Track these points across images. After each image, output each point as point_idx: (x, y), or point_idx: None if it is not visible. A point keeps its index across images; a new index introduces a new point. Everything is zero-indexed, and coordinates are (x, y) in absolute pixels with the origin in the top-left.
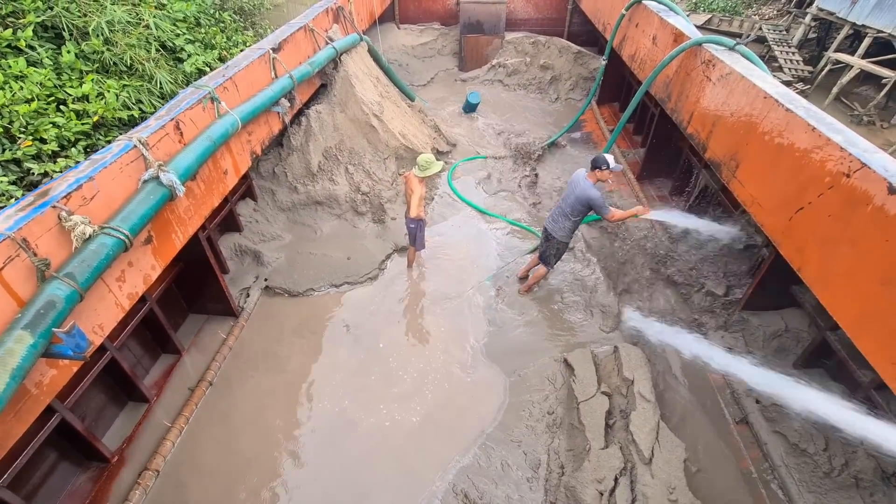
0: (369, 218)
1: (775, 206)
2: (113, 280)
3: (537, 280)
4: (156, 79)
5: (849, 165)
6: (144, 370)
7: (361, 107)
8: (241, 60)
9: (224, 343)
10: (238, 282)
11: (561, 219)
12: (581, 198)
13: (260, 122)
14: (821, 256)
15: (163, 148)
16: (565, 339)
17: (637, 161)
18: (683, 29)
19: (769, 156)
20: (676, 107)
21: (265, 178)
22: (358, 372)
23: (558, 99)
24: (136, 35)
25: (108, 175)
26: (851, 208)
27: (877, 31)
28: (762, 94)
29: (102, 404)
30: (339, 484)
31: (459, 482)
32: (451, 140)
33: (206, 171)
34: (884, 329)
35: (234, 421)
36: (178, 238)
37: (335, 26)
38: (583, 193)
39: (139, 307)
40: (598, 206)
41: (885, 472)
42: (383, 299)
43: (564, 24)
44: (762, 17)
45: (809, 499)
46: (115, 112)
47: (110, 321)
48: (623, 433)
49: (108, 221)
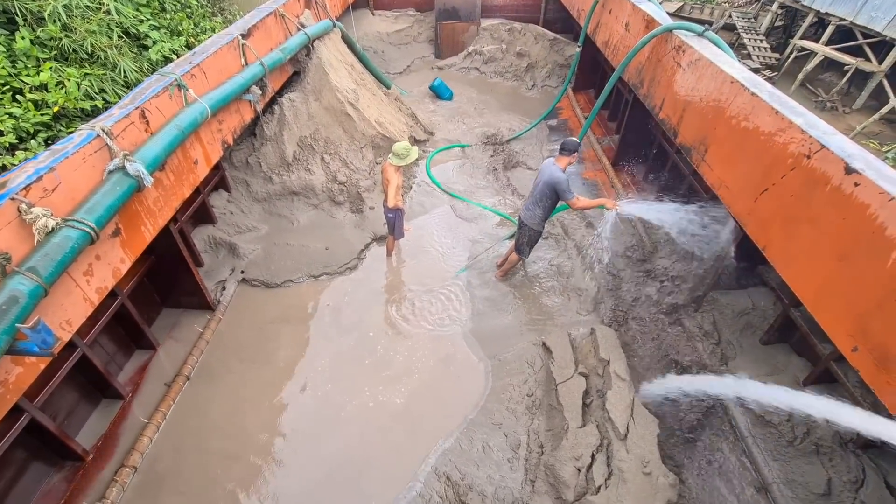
0: (347, 207)
1: (742, 188)
2: (80, 274)
3: (512, 265)
4: (119, 67)
5: (809, 147)
6: (118, 366)
7: (336, 95)
8: (209, 47)
9: (201, 337)
10: (213, 275)
11: (532, 206)
12: (549, 182)
13: (231, 110)
14: (784, 236)
15: (128, 137)
16: (544, 322)
17: (612, 147)
18: (655, 15)
19: (736, 139)
20: (649, 92)
21: (238, 169)
22: (338, 362)
23: (535, 86)
24: (96, 21)
25: (70, 165)
26: (812, 188)
27: (839, 19)
28: (729, 78)
29: (75, 402)
30: (320, 476)
31: (441, 465)
32: (429, 128)
33: (176, 161)
34: (840, 303)
35: (212, 415)
36: (148, 230)
37: (307, 12)
38: (550, 178)
39: (110, 302)
40: (563, 189)
41: (842, 438)
42: (363, 289)
43: (540, 11)
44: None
45: (775, 466)
46: (77, 102)
47: (79, 316)
48: (600, 412)
49: (72, 214)
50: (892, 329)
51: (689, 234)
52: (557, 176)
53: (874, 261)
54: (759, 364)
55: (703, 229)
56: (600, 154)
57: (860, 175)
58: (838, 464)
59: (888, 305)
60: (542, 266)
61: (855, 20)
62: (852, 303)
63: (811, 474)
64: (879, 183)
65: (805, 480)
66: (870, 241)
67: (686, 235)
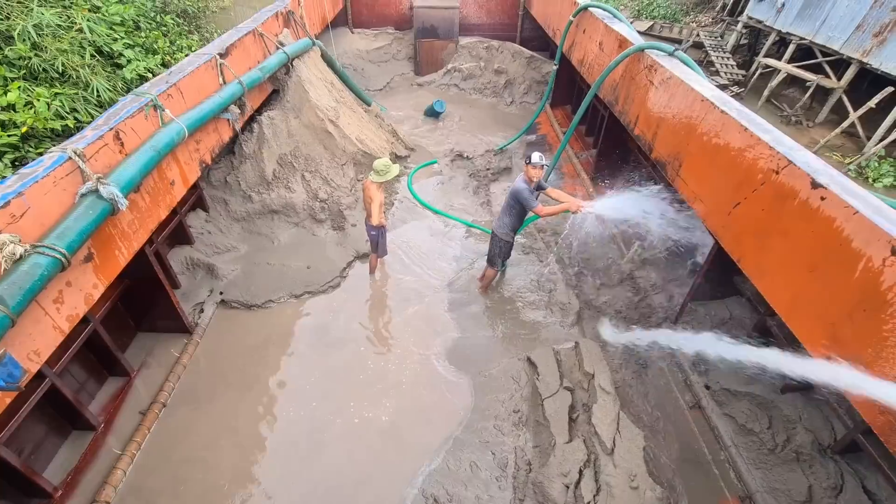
0: (329, 225)
1: (716, 202)
2: (49, 302)
3: (490, 280)
4: (92, 86)
5: (777, 163)
6: (90, 396)
7: (316, 112)
8: (185, 66)
9: (178, 362)
10: (191, 297)
11: (501, 217)
12: (512, 192)
13: (209, 129)
14: (757, 248)
15: (102, 159)
16: (528, 337)
17: (590, 161)
18: (627, 35)
19: (708, 155)
20: (624, 109)
21: (217, 188)
22: (320, 383)
23: (513, 102)
24: (67, 39)
25: (39, 190)
26: (781, 202)
27: (800, 38)
28: (700, 97)
29: (43, 435)
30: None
31: (429, 487)
32: (410, 144)
33: (151, 182)
34: (812, 313)
35: (191, 444)
36: (123, 254)
37: (286, 31)
38: (513, 188)
39: (81, 328)
40: (525, 198)
41: (821, 444)
42: (345, 307)
43: (516, 30)
44: (699, 24)
45: (757, 475)
46: (47, 122)
47: (48, 346)
48: (586, 426)
49: (41, 239)
50: (862, 337)
51: (661, 220)
52: (519, 186)
53: (842, 272)
54: (738, 373)
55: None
56: (579, 168)
57: (826, 189)
58: (818, 470)
59: (857, 315)
60: (524, 281)
61: (814, 39)
62: (824, 312)
63: (793, 482)
64: (844, 197)
65: (787, 488)
66: (837, 253)
67: (659, 222)
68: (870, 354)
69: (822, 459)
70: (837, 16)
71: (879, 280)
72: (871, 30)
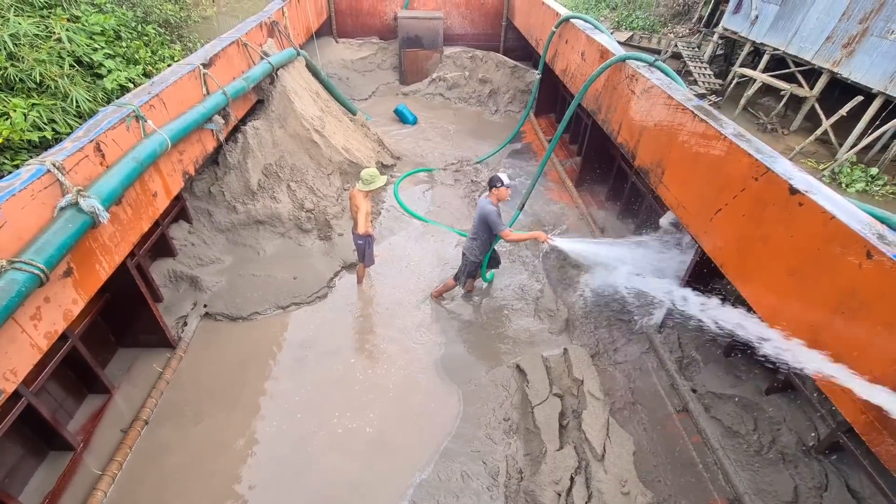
0: (315, 235)
1: (698, 208)
2: (27, 319)
3: (446, 290)
4: (71, 96)
5: (756, 170)
6: (68, 414)
7: (302, 122)
8: (168, 76)
9: (160, 377)
10: (174, 310)
11: (471, 239)
12: (481, 216)
13: (192, 140)
14: (738, 253)
15: (82, 172)
16: (517, 344)
17: (574, 169)
18: (608, 46)
19: (689, 162)
20: (607, 118)
21: (200, 199)
22: (308, 396)
23: (498, 111)
24: (46, 49)
25: (16, 203)
26: (761, 209)
27: (773, 49)
28: (680, 106)
29: (18, 457)
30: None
31: (420, 499)
32: (396, 153)
33: (133, 194)
34: (793, 315)
35: (175, 462)
36: (104, 268)
37: (270, 41)
38: (481, 211)
39: (60, 345)
40: (493, 222)
41: (805, 445)
42: (333, 318)
43: (500, 40)
44: (677, 34)
45: (745, 477)
46: (24, 133)
47: (25, 365)
48: (576, 432)
49: (18, 255)
50: (842, 339)
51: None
52: (487, 209)
53: (821, 275)
54: (723, 376)
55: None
56: (564, 176)
57: (803, 196)
58: (803, 470)
59: (836, 318)
60: (512, 289)
61: (787, 50)
62: (805, 315)
63: (779, 483)
64: (821, 203)
65: (774, 489)
66: (816, 257)
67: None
68: (851, 355)
69: (807, 460)
70: (808, 28)
71: (857, 283)
72: (840, 41)
